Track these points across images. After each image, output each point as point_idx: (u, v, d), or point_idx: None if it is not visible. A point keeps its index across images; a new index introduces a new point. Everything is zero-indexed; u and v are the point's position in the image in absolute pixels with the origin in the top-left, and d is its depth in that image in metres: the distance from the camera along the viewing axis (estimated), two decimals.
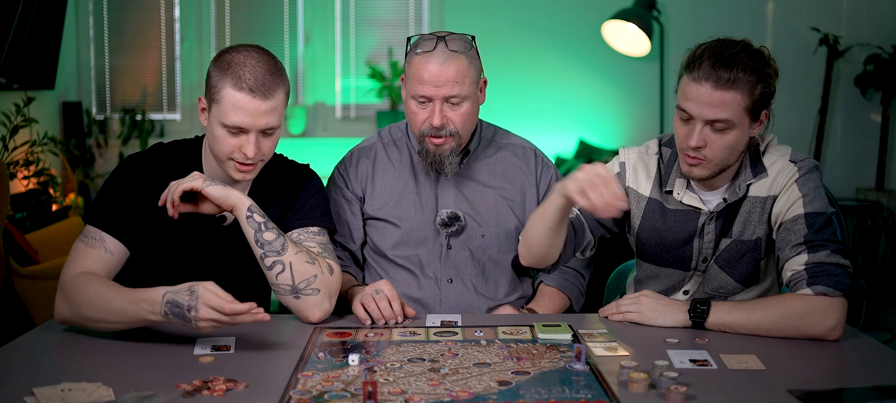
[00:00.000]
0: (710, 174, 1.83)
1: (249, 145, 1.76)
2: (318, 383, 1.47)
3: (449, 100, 2.00)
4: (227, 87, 1.73)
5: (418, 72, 1.99)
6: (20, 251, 3.41)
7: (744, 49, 1.77)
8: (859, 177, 5.02)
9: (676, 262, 1.95)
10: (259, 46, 1.80)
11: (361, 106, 5.03)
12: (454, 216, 2.10)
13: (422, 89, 1.99)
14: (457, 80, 1.98)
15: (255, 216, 1.77)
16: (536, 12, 4.93)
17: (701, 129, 1.78)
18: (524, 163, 2.18)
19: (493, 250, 2.13)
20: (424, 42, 2.01)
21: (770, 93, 1.80)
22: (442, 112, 2.00)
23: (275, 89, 1.76)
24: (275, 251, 1.76)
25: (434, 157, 2.05)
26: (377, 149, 2.19)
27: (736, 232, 1.89)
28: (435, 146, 2.04)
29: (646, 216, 1.96)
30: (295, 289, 1.77)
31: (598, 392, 1.44)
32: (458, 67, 1.98)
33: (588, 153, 4.80)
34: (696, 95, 1.77)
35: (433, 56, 1.98)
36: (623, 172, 1.98)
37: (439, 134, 2.02)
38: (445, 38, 2.00)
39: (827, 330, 1.70)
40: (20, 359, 1.61)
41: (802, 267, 1.75)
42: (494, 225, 2.13)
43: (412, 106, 2.04)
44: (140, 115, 4.92)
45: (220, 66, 1.76)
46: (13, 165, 3.94)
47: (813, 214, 1.79)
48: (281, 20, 5.00)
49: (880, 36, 4.85)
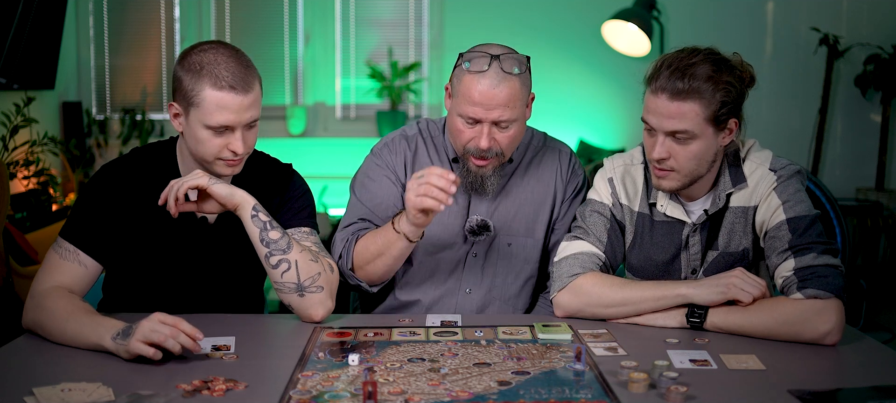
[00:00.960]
0: (680, 185, 1.83)
1: (237, 141, 1.75)
2: (318, 383, 1.47)
3: (498, 124, 1.90)
4: (207, 89, 1.71)
5: (468, 91, 1.87)
6: (20, 251, 3.41)
7: (705, 58, 1.76)
8: (859, 177, 5.02)
9: (665, 277, 1.94)
10: (220, 42, 1.78)
11: (361, 106, 5.03)
12: (483, 225, 2.03)
13: (471, 110, 1.88)
14: (508, 104, 1.87)
15: (260, 215, 1.76)
16: (536, 12, 4.93)
17: (663, 141, 1.79)
18: (558, 165, 2.09)
19: (518, 260, 2.06)
20: (478, 60, 1.87)
21: (732, 102, 1.77)
22: (490, 134, 1.89)
23: (252, 81, 1.75)
24: (281, 249, 1.76)
25: (475, 177, 1.96)
26: (418, 140, 2.09)
27: (722, 245, 1.89)
28: (477, 167, 1.95)
29: (637, 231, 1.95)
30: (300, 287, 1.77)
31: (598, 392, 1.44)
32: (511, 90, 1.87)
33: (588, 153, 4.80)
34: (654, 107, 1.78)
35: (485, 77, 1.86)
36: (613, 189, 1.96)
37: (484, 155, 1.92)
38: (500, 57, 1.87)
39: (822, 334, 1.69)
40: (20, 359, 1.61)
41: (791, 273, 1.74)
42: (523, 233, 2.05)
43: (458, 123, 1.92)
44: (140, 115, 4.92)
45: (191, 69, 1.72)
46: (13, 165, 3.94)
47: (795, 218, 1.79)
48: (281, 20, 5.00)
49: (880, 36, 4.85)
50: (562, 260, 1.91)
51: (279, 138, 4.94)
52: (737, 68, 1.79)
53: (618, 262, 1.98)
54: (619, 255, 1.97)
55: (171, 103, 1.77)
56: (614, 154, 2.08)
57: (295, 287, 1.77)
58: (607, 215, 1.95)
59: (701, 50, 1.79)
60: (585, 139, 4.90)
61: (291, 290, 1.78)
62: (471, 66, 1.88)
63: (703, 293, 1.76)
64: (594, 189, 1.99)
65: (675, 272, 1.93)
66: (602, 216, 1.94)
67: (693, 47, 1.80)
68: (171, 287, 1.88)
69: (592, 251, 1.90)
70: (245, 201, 1.76)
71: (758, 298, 1.74)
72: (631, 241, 1.96)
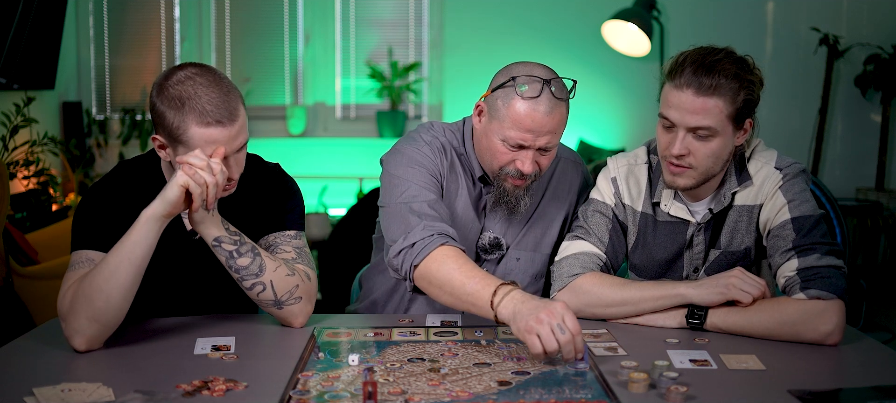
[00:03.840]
0: (695, 183, 1.83)
1: (230, 169, 1.70)
2: (318, 383, 1.47)
3: (544, 149, 1.86)
4: (193, 126, 1.63)
5: (520, 118, 1.81)
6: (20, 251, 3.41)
7: (726, 56, 1.76)
8: (859, 177, 5.02)
9: (667, 275, 1.94)
10: (195, 67, 1.68)
11: (361, 106, 5.03)
12: (496, 243, 2.00)
13: (520, 136, 1.82)
14: (557, 130, 1.84)
15: (224, 244, 1.72)
16: (536, 12, 4.93)
17: (683, 137, 1.78)
18: (578, 178, 2.07)
19: (527, 275, 2.03)
20: (531, 84, 1.81)
21: (753, 102, 1.79)
22: (534, 159, 1.85)
23: (236, 106, 1.68)
24: (252, 274, 1.74)
25: (511, 197, 1.91)
26: (453, 155, 1.99)
27: (723, 243, 1.89)
28: (515, 186, 1.90)
29: (640, 231, 1.95)
30: (277, 302, 1.77)
31: (598, 392, 1.44)
32: (561, 116, 1.84)
33: (588, 153, 4.80)
34: (677, 102, 1.77)
35: (539, 103, 1.80)
36: (616, 189, 1.96)
37: (524, 178, 1.88)
38: (551, 82, 1.82)
39: (824, 335, 1.69)
40: (20, 359, 1.61)
41: (794, 273, 1.74)
42: (532, 248, 2.03)
43: (499, 146, 1.85)
44: (140, 115, 4.92)
45: (171, 103, 1.64)
46: (13, 165, 3.94)
47: (800, 218, 1.79)
48: (281, 20, 4.99)
49: (880, 36, 4.84)
50: (562, 259, 1.91)
51: (279, 138, 4.94)
52: (754, 69, 1.80)
53: (619, 263, 1.98)
54: (620, 256, 1.97)
55: (155, 136, 1.71)
56: (615, 154, 2.08)
57: (272, 302, 1.77)
58: (609, 215, 1.94)
59: (721, 49, 1.78)
60: (585, 139, 4.90)
61: (269, 305, 1.77)
62: (525, 91, 1.81)
63: (703, 293, 1.76)
64: (597, 188, 1.99)
65: (677, 271, 1.93)
66: (604, 216, 1.94)
67: (712, 46, 1.79)
68: (169, 290, 1.87)
69: (593, 251, 1.90)
70: (206, 236, 1.72)
71: (757, 298, 1.74)
72: (634, 241, 1.96)
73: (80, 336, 1.63)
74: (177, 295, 1.88)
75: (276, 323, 1.83)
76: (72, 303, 1.64)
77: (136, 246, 1.63)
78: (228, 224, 1.74)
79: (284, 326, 1.81)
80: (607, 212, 1.95)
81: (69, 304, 1.64)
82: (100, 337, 1.65)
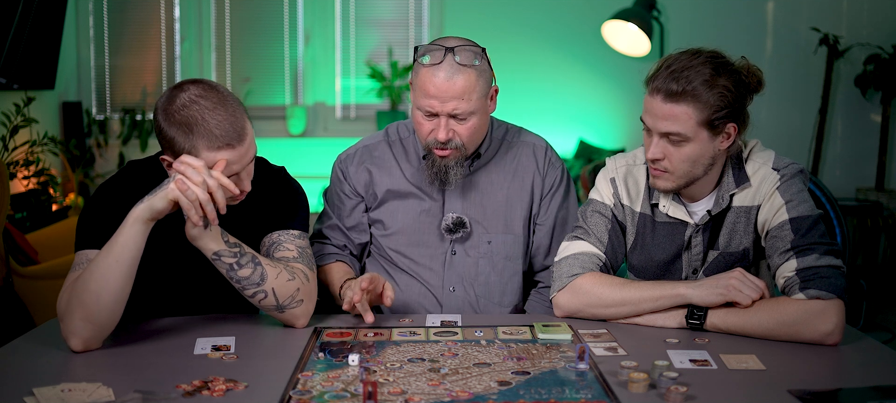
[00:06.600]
0: (675, 186, 1.83)
1: (242, 181, 1.72)
2: (318, 383, 1.47)
3: (455, 116, 1.92)
4: (203, 151, 1.65)
5: (424, 84, 1.91)
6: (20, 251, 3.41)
7: (706, 61, 1.75)
8: (859, 177, 5.02)
9: (666, 276, 1.94)
10: (198, 85, 1.68)
11: (361, 106, 5.03)
12: (459, 221, 2.05)
13: (427, 103, 1.91)
14: (463, 96, 1.89)
15: (224, 258, 1.72)
16: (536, 12, 4.93)
17: (657, 142, 1.79)
18: (534, 161, 2.11)
19: (500, 257, 2.07)
20: (432, 52, 1.91)
21: (730, 107, 1.76)
22: (447, 126, 1.92)
23: (243, 124, 1.69)
24: (254, 283, 1.74)
25: (439, 168, 1.98)
26: (382, 147, 2.12)
27: (722, 244, 1.89)
28: (440, 157, 1.97)
29: (639, 232, 1.95)
30: (280, 307, 1.77)
31: (598, 392, 1.44)
32: (466, 82, 1.89)
33: (588, 153, 4.80)
34: (650, 107, 1.79)
35: (440, 69, 1.89)
36: (615, 190, 1.96)
37: (445, 147, 1.95)
38: (454, 49, 1.90)
39: (824, 335, 1.69)
40: (20, 359, 1.61)
41: (793, 273, 1.74)
42: (502, 230, 2.07)
43: (418, 116, 1.96)
44: (140, 115, 4.92)
45: (180, 126, 1.64)
46: (13, 165, 3.94)
47: (798, 218, 1.78)
48: (281, 20, 5.00)
49: (880, 36, 4.85)
50: (562, 260, 1.91)
51: (279, 138, 4.94)
52: (740, 72, 1.78)
53: (618, 263, 1.98)
54: (619, 256, 1.97)
55: (163, 156, 1.71)
56: (614, 154, 2.08)
57: (274, 307, 1.77)
58: (608, 216, 1.94)
59: (704, 52, 1.77)
60: (585, 139, 4.90)
61: (271, 309, 1.78)
62: (425, 59, 1.91)
63: (703, 294, 1.76)
64: (596, 189, 1.99)
65: (675, 272, 1.93)
66: (603, 216, 1.94)
67: (696, 49, 1.79)
68: (169, 290, 1.87)
69: (592, 251, 1.90)
70: (205, 250, 1.72)
71: (756, 300, 1.73)
72: (632, 242, 1.96)
73: (76, 337, 1.63)
74: (177, 295, 1.89)
75: (277, 323, 1.83)
76: (67, 304, 1.64)
77: (125, 249, 1.63)
78: (228, 235, 1.74)
79: (285, 326, 1.81)
80: (606, 213, 1.95)
81: (65, 305, 1.64)
82: (96, 338, 1.65)
